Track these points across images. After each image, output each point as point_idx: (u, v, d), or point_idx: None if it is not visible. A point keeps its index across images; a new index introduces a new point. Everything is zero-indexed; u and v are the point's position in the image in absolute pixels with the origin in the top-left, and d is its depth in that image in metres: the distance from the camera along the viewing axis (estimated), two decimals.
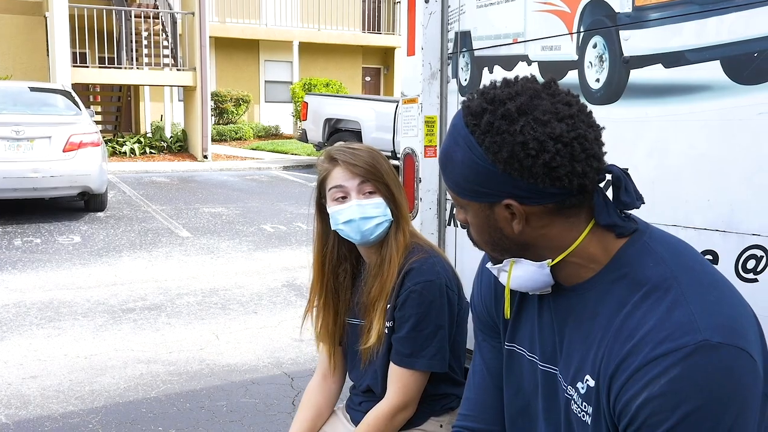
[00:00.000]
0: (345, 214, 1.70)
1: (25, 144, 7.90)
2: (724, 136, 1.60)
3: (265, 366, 4.01)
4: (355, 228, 1.71)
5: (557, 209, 1.07)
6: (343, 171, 1.71)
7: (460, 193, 1.12)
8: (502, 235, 1.11)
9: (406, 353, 1.71)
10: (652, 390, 0.95)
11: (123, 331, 4.59)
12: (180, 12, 15.98)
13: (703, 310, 0.98)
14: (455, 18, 2.40)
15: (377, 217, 1.71)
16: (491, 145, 1.04)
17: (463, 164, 1.08)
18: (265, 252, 7.05)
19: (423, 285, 1.68)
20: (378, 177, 1.72)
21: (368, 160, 1.72)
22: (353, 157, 1.72)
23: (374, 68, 24.10)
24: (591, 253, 1.10)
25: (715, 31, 1.61)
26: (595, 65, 1.91)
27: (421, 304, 1.68)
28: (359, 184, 1.71)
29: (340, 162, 1.72)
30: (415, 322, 1.69)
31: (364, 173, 1.71)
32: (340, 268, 1.86)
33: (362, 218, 1.70)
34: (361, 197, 1.71)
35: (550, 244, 1.10)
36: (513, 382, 1.29)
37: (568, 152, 1.02)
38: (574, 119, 1.04)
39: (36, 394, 3.58)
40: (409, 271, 1.70)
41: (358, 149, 1.75)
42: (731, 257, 1.59)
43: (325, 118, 13.31)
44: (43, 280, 5.84)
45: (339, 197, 1.72)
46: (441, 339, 1.71)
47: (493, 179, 1.05)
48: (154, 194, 10.66)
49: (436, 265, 1.72)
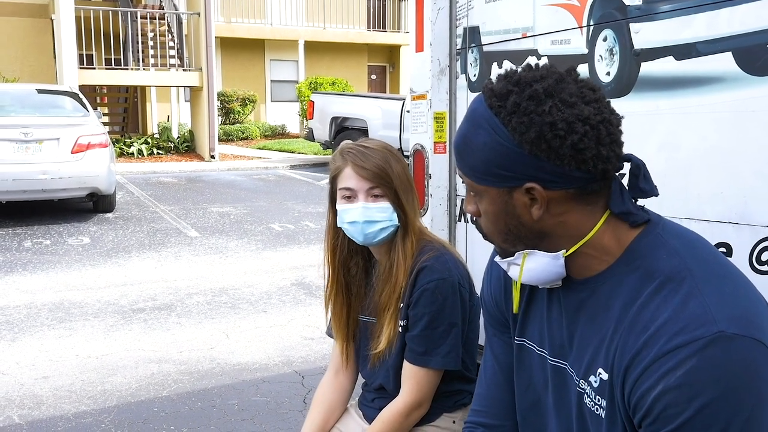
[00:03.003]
0: (350, 215, 1.70)
1: (34, 146, 7.93)
2: (736, 128, 1.59)
3: (275, 364, 4.02)
4: (359, 230, 1.70)
5: (578, 195, 1.06)
6: (352, 172, 1.70)
7: (478, 179, 1.10)
8: (519, 223, 1.10)
9: (420, 351, 1.71)
10: (668, 382, 0.95)
11: (134, 331, 4.61)
12: (185, 12, 16.00)
13: (718, 302, 0.97)
14: (464, 13, 2.39)
15: (382, 221, 1.70)
16: (518, 126, 1.03)
17: (485, 147, 1.06)
18: (273, 251, 7.06)
19: (436, 283, 1.68)
20: (387, 181, 1.70)
21: (378, 162, 1.70)
22: (363, 158, 1.70)
23: (380, 66, 24.09)
24: (605, 244, 1.09)
25: (727, 23, 1.60)
26: (605, 58, 1.90)
27: (435, 302, 1.68)
28: (367, 188, 1.70)
29: (350, 163, 1.71)
30: (428, 321, 1.69)
31: (372, 177, 1.69)
32: (352, 262, 1.85)
33: (366, 221, 1.69)
34: (369, 200, 1.70)
35: (567, 232, 1.09)
36: (523, 377, 1.29)
37: (595, 135, 1.02)
38: (599, 103, 1.05)
39: (48, 395, 3.60)
40: (421, 269, 1.70)
41: (371, 149, 1.73)
42: (745, 249, 1.58)
43: (331, 116, 13.32)
44: (54, 281, 5.86)
45: (347, 196, 1.72)
46: (455, 337, 1.71)
47: (517, 161, 1.04)
48: (162, 195, 10.69)
49: (448, 263, 1.71)
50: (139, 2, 17.76)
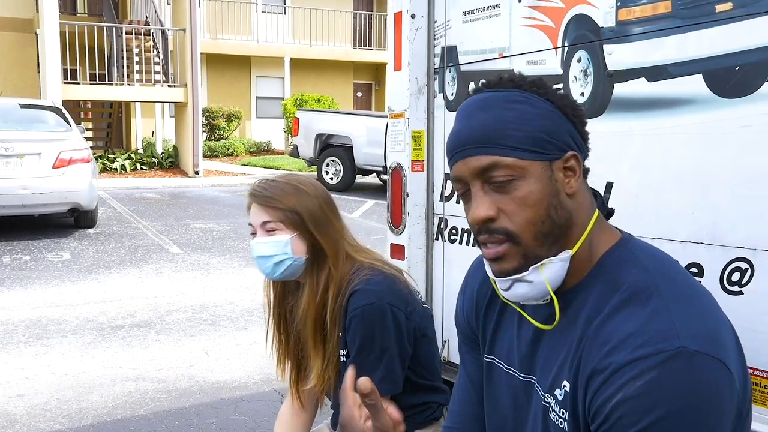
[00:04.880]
0: (253, 250, 1.73)
1: (15, 161, 7.87)
2: (707, 149, 1.61)
3: (255, 383, 3.98)
4: (260, 264, 1.72)
5: (584, 171, 1.12)
6: (254, 206, 1.72)
7: (524, 153, 1.06)
8: (559, 202, 1.07)
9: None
10: (627, 391, 0.95)
11: (112, 349, 4.56)
12: (171, 29, 16.01)
13: (684, 320, 0.98)
14: (441, 33, 2.41)
15: (276, 255, 1.69)
16: (548, 93, 1.10)
17: (530, 115, 1.07)
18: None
19: (363, 309, 1.65)
20: (282, 214, 1.68)
21: (275, 194, 1.69)
22: (262, 191, 1.70)
23: (365, 84, 24.18)
24: (590, 248, 1.10)
25: (697, 45, 1.62)
26: (579, 79, 1.92)
27: (364, 328, 1.66)
28: (261, 222, 1.70)
29: (252, 196, 1.73)
30: (359, 347, 1.67)
31: (268, 210, 1.69)
32: (285, 301, 1.86)
33: (259, 256, 1.71)
34: (264, 235, 1.70)
35: (579, 219, 1.10)
36: (492, 395, 1.29)
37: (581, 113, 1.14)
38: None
39: (23, 413, 3.54)
40: (351, 295, 1.68)
41: (275, 182, 1.72)
42: (716, 270, 1.59)
43: (316, 133, 13.34)
44: (32, 297, 5.79)
45: (252, 232, 1.74)
46: (388, 362, 1.67)
47: (560, 127, 1.09)
48: (145, 210, 10.63)
49: (379, 284, 1.68)
50: (125, 18, 17.75)
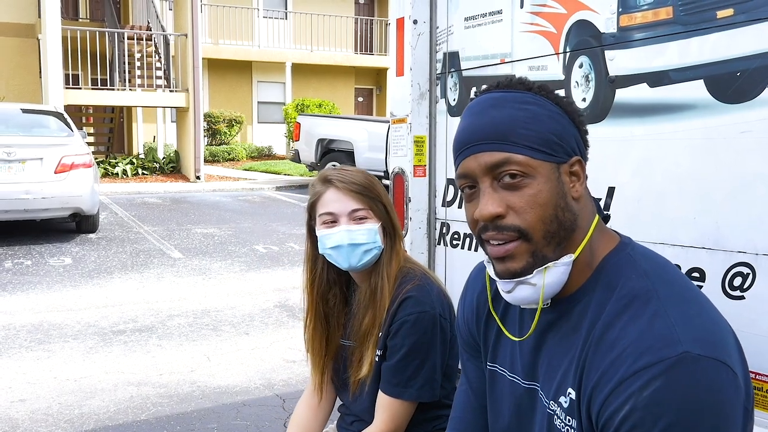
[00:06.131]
0: (333, 239, 1.67)
1: (17, 165, 7.89)
2: (708, 155, 1.62)
3: (256, 387, 3.98)
4: (343, 254, 1.67)
5: (585, 176, 1.14)
6: (335, 193, 1.68)
7: (535, 152, 1.07)
8: (566, 204, 1.08)
9: (395, 383, 1.69)
10: (636, 402, 0.95)
11: (113, 354, 4.56)
12: (173, 34, 16.04)
13: (683, 323, 0.98)
14: (443, 39, 2.42)
15: (366, 243, 1.67)
16: (556, 98, 1.11)
17: (541, 116, 1.09)
18: (257, 273, 7.02)
19: (417, 316, 1.65)
20: (371, 202, 1.68)
21: (363, 182, 1.69)
22: (347, 178, 1.69)
23: (367, 89, 24.21)
24: (585, 257, 1.10)
25: (699, 51, 1.63)
26: (581, 85, 1.92)
27: (414, 335, 1.65)
28: (351, 210, 1.67)
29: (334, 183, 1.69)
30: (405, 353, 1.66)
31: (356, 197, 1.67)
32: (330, 293, 1.82)
33: (350, 244, 1.66)
34: (351, 223, 1.67)
35: (582, 223, 1.10)
36: (495, 403, 1.29)
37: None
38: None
39: (25, 418, 3.54)
40: (404, 300, 1.67)
41: (353, 171, 1.72)
42: (718, 275, 1.60)
43: (317, 138, 13.34)
44: (33, 302, 5.80)
45: (328, 221, 1.68)
46: (430, 370, 1.68)
47: (567, 131, 1.10)
48: (146, 215, 10.63)
49: (431, 294, 1.69)
50: (127, 23, 17.80)
